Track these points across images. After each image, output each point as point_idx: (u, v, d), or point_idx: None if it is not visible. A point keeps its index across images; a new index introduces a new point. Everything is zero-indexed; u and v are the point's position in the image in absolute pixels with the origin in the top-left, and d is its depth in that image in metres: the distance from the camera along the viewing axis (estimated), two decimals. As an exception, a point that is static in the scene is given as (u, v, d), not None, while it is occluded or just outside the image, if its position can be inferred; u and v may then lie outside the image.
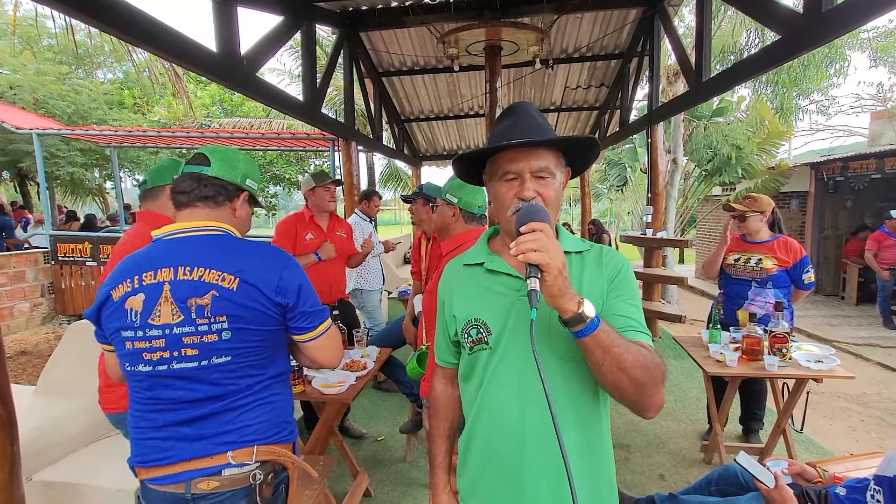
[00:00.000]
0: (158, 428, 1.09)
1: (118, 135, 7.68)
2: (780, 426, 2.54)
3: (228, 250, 1.11)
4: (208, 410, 1.08)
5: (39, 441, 2.01)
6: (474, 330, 0.95)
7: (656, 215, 5.23)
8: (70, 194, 12.82)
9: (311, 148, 8.12)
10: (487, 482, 0.96)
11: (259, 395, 1.13)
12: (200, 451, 1.08)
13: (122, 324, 1.07)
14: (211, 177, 1.15)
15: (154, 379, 1.07)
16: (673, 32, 4.57)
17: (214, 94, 13.49)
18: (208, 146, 1.20)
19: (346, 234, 3.09)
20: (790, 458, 1.73)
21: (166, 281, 1.06)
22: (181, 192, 1.15)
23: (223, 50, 2.92)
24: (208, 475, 1.08)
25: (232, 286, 1.07)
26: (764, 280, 2.66)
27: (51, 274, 7.25)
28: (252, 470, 1.10)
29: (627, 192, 12.55)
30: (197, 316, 1.05)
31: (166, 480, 1.08)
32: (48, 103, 9.73)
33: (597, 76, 7.05)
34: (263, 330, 1.12)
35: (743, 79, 3.36)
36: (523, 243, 0.76)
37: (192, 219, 1.14)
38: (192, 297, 1.06)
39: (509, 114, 0.95)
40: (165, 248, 1.11)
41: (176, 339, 1.05)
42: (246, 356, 1.10)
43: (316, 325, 1.20)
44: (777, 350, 2.31)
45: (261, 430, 1.12)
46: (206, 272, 1.07)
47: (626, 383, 0.79)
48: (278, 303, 1.12)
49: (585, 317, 0.76)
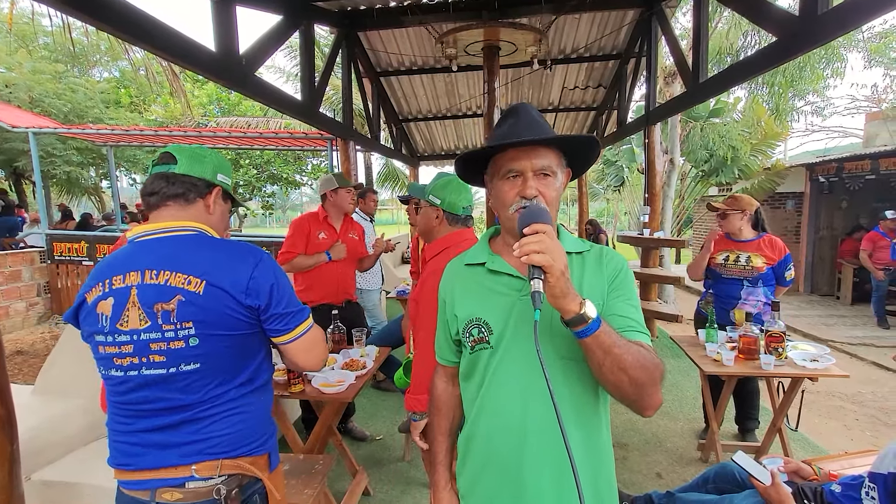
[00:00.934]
0: (130, 433, 1.08)
1: (115, 133, 7.66)
2: (775, 425, 2.56)
3: (197, 251, 1.07)
4: (177, 419, 1.06)
5: (38, 440, 2.00)
6: (476, 329, 0.96)
7: (653, 215, 5.25)
8: (66, 193, 12.75)
9: (308, 147, 8.11)
10: (487, 481, 0.97)
11: (228, 406, 1.09)
12: (166, 461, 1.05)
13: (95, 328, 1.06)
14: (179, 174, 1.11)
15: (126, 384, 1.06)
16: (670, 33, 4.60)
17: (212, 94, 13.45)
18: (173, 145, 1.17)
19: (359, 236, 3.08)
20: (786, 457, 1.75)
21: (134, 285, 1.04)
22: (151, 193, 1.11)
23: (222, 49, 2.92)
24: (172, 486, 1.06)
25: (198, 290, 1.03)
26: (755, 279, 2.68)
27: (47, 273, 7.22)
28: (216, 484, 1.07)
29: (624, 193, 12.59)
30: (163, 322, 1.02)
31: (134, 486, 1.07)
32: (44, 102, 9.67)
33: (594, 77, 7.08)
34: (233, 335, 1.07)
35: (740, 80, 3.38)
36: (527, 245, 0.77)
37: (162, 219, 1.10)
38: (158, 301, 1.02)
39: (510, 115, 0.96)
40: (136, 250, 1.08)
41: (143, 345, 1.02)
42: (215, 363, 1.06)
43: (293, 326, 1.15)
44: (773, 349, 2.33)
45: (228, 442, 1.09)
46: (172, 276, 1.03)
47: (627, 383, 0.80)
48: (249, 305, 1.07)
49: (587, 317, 0.77)
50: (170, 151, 1.13)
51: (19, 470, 1.51)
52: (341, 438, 2.46)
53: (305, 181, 13.92)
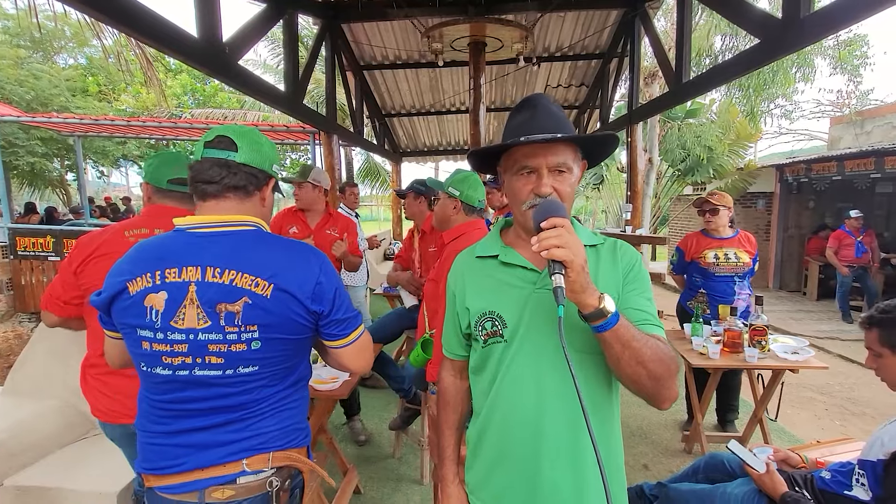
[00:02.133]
0: (172, 434, 1.02)
1: (83, 123, 7.32)
2: (757, 416, 2.65)
3: (262, 250, 1.02)
4: (226, 419, 1.02)
5: (9, 444, 1.90)
6: (489, 323, 0.94)
7: (635, 213, 5.35)
8: (28, 186, 12.13)
9: (289, 141, 7.94)
10: (501, 474, 0.96)
11: (278, 404, 1.07)
12: (215, 460, 1.01)
13: (141, 322, 0.98)
14: (240, 164, 1.03)
15: (172, 384, 1.00)
16: (653, 34, 4.68)
17: (186, 84, 13.02)
18: (230, 126, 1.07)
19: (339, 232, 2.91)
20: (774, 446, 1.81)
21: (192, 281, 0.98)
22: (207, 181, 1.02)
23: (204, 36, 2.81)
24: (223, 484, 1.02)
25: (266, 293, 0.99)
26: (744, 274, 2.77)
27: (9, 270, 6.85)
28: (268, 477, 1.05)
29: (603, 190, 12.82)
30: (226, 323, 0.97)
31: (178, 489, 1.01)
32: (4, 88, 9.17)
33: (577, 75, 7.16)
34: (294, 339, 1.05)
35: (723, 81, 3.47)
36: (546, 239, 0.75)
37: (219, 211, 1.03)
38: (221, 302, 0.97)
39: (526, 106, 0.92)
40: (191, 242, 1.01)
41: (201, 345, 0.97)
42: (273, 365, 1.04)
43: (349, 331, 1.12)
44: (757, 342, 2.40)
45: (277, 436, 1.07)
46: (238, 276, 0.98)
47: (645, 377, 0.80)
48: (313, 311, 1.04)
49: (606, 311, 0.77)
50: (229, 136, 1.04)
51: (-6, 475, 1.42)
52: (332, 437, 2.42)
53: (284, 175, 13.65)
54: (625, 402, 3.58)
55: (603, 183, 12.66)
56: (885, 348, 1.32)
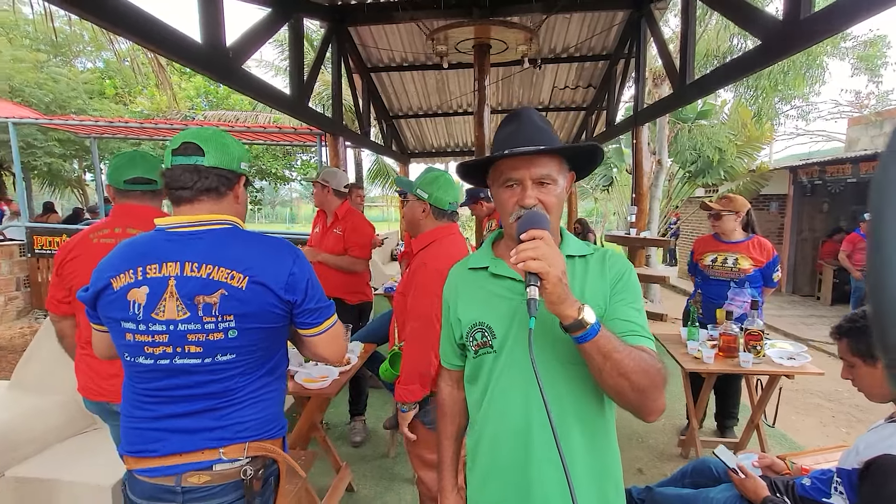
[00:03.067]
0: (154, 419, 1.07)
1: (99, 125, 7.50)
2: (753, 421, 2.61)
3: (237, 246, 1.08)
4: (205, 406, 1.07)
5: (12, 436, 1.97)
6: (479, 333, 0.96)
7: (640, 215, 5.31)
8: (48, 186, 12.48)
9: (297, 143, 8.04)
10: (494, 485, 0.97)
11: (255, 393, 1.12)
12: (192, 446, 1.06)
13: (124, 315, 1.04)
14: (209, 167, 1.08)
15: (154, 373, 1.05)
16: (659, 35, 4.64)
17: (199, 87, 13.27)
18: (194, 130, 1.11)
19: (343, 232, 2.95)
20: (761, 452, 1.79)
21: (172, 276, 1.03)
22: (181, 187, 1.07)
23: (208, 41, 2.88)
24: (199, 469, 1.07)
25: (241, 285, 1.05)
26: (742, 280, 2.73)
27: (27, 267, 7.06)
28: (242, 465, 1.10)
29: (613, 193, 12.71)
30: (204, 314, 1.04)
31: (156, 472, 1.06)
32: (24, 91, 9.44)
33: (584, 77, 7.12)
34: (269, 328, 1.11)
35: (726, 82, 3.43)
36: (522, 251, 0.77)
37: (195, 212, 1.09)
38: (199, 294, 1.03)
39: (512, 120, 0.94)
40: (171, 240, 1.07)
41: (181, 335, 1.03)
42: (249, 354, 1.09)
43: (322, 320, 1.18)
44: (752, 347, 2.37)
45: (253, 426, 1.11)
46: (214, 270, 1.04)
47: (628, 388, 0.80)
48: (287, 300, 1.10)
49: (585, 323, 0.77)
50: (195, 142, 1.08)
51: (-8, 465, 1.49)
52: (325, 434, 2.45)
53: (294, 176, 13.80)
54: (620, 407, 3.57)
55: (612, 185, 12.54)
56: (857, 358, 1.30)
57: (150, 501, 1.07)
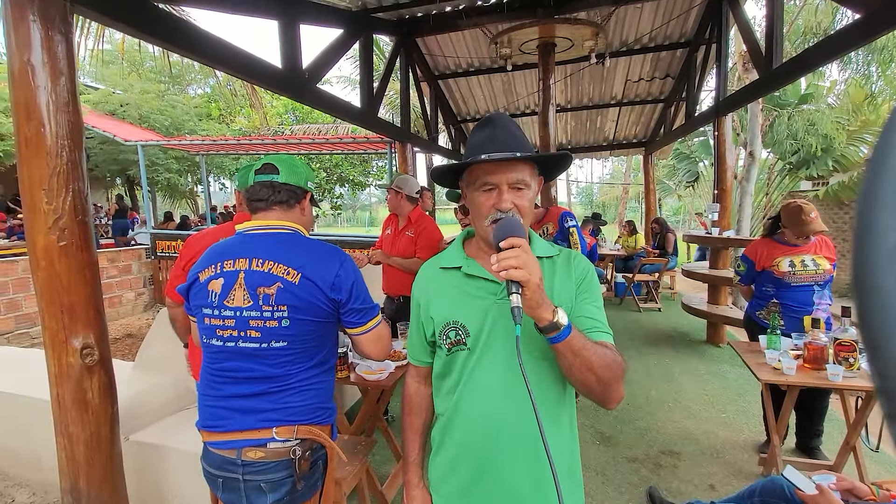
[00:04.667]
0: (221, 397, 1.26)
1: (205, 143, 8.59)
2: (849, 443, 2.32)
3: (295, 247, 1.26)
4: (262, 389, 1.22)
5: (136, 408, 2.37)
6: (453, 332, 0.99)
7: (723, 213, 4.89)
8: (168, 198, 14.47)
9: (371, 151, 8.51)
10: (460, 474, 1.01)
11: (305, 381, 1.26)
12: (251, 424, 1.22)
13: (204, 302, 1.25)
14: (282, 183, 1.30)
15: (223, 353, 1.24)
16: (742, 17, 4.27)
17: (287, 103, 14.52)
18: (273, 155, 1.35)
19: (415, 234, 3.08)
20: (839, 474, 1.61)
21: (242, 270, 1.22)
22: (258, 199, 1.30)
23: (287, 65, 3.22)
24: (256, 446, 1.22)
25: (294, 280, 1.21)
26: (825, 282, 2.45)
27: (151, 267, 8.27)
28: (293, 446, 1.23)
29: (699, 189, 11.73)
30: (263, 303, 1.20)
31: (223, 446, 1.23)
32: (150, 118, 11.07)
33: (661, 67, 6.71)
34: (317, 321, 1.25)
35: (818, 63, 3.08)
36: (505, 260, 0.79)
37: (268, 219, 1.30)
38: (260, 286, 1.21)
39: (486, 124, 0.97)
40: (245, 241, 1.27)
41: (244, 320, 1.21)
42: (300, 343, 1.23)
43: (365, 321, 1.31)
44: (843, 359, 2.12)
45: (302, 412, 1.25)
46: (274, 265, 1.22)
47: (594, 381, 0.85)
48: (333, 298, 1.24)
49: (560, 325, 0.82)
50: (272, 163, 1.32)
51: (118, 429, 1.82)
52: (387, 425, 2.61)
53: (370, 182, 14.55)
54: (699, 418, 3.34)
55: (698, 180, 11.59)
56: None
57: (219, 470, 1.25)
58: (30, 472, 2.55)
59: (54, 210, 1.57)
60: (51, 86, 1.54)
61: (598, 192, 30.77)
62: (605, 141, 9.43)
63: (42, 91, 1.53)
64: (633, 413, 3.42)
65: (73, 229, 1.61)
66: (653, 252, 7.18)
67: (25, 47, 1.51)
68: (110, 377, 1.78)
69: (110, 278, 7.50)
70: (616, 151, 9.98)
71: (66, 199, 1.59)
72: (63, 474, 1.72)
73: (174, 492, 2.21)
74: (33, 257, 1.60)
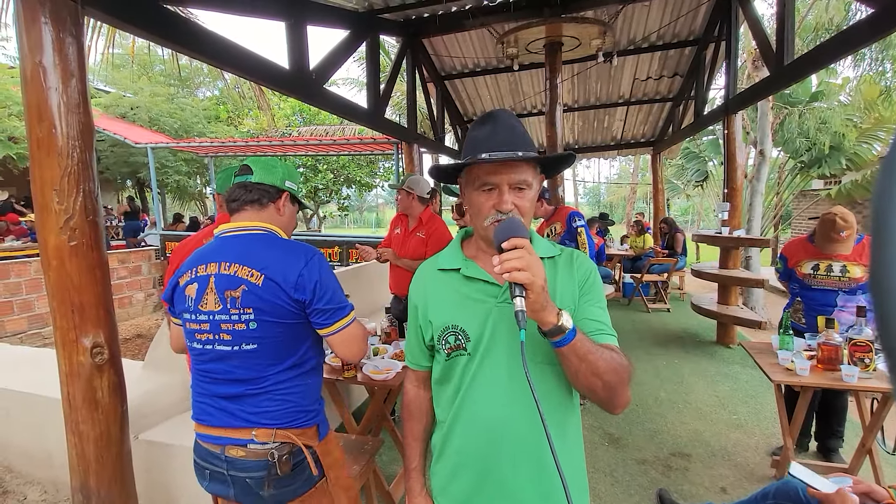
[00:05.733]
0: (206, 395, 1.28)
1: (213, 145, 8.66)
2: (865, 445, 2.28)
3: (262, 248, 1.24)
4: (240, 391, 1.24)
5: (145, 406, 2.39)
6: (452, 337, 0.95)
7: (733, 212, 4.83)
8: (178, 199, 14.62)
9: (378, 152, 8.53)
10: (463, 481, 0.97)
11: (280, 384, 1.25)
12: (232, 423, 1.24)
13: (184, 307, 1.27)
14: (255, 183, 1.30)
15: (203, 356, 1.26)
16: (752, 14, 4.21)
17: (295, 105, 14.62)
18: (251, 157, 1.36)
19: (426, 235, 3.07)
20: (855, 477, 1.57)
21: (212, 274, 1.23)
22: (232, 200, 1.31)
23: (294, 66, 3.23)
24: (237, 445, 1.24)
25: (258, 282, 1.20)
26: (852, 290, 2.39)
27: (160, 268, 8.35)
28: (270, 448, 1.23)
29: (708, 188, 11.62)
30: (231, 306, 1.21)
31: (209, 439, 1.27)
32: (160, 120, 11.20)
33: (669, 65, 6.66)
34: (284, 323, 1.22)
35: (829, 60, 3.04)
36: (508, 261, 0.76)
37: (241, 220, 1.30)
38: (227, 289, 1.21)
39: (487, 120, 0.92)
40: (218, 244, 1.28)
41: (216, 324, 1.22)
42: (270, 346, 1.22)
43: (332, 321, 1.27)
44: (858, 360, 2.08)
45: (280, 415, 1.25)
46: (239, 268, 1.21)
47: (600, 387, 0.82)
48: (296, 299, 1.21)
49: (564, 328, 0.79)
50: (248, 164, 1.32)
51: (128, 428, 1.84)
52: (394, 425, 2.61)
53: (377, 183, 14.60)
54: (709, 420, 3.30)
55: (707, 180, 11.47)
56: None
57: (205, 462, 1.27)
58: (41, 470, 2.58)
59: (65, 210, 1.59)
60: (62, 87, 1.55)
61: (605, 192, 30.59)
62: (612, 140, 9.37)
63: (53, 92, 1.54)
64: (643, 414, 3.38)
65: (83, 229, 1.63)
66: (662, 252, 7.13)
67: (37, 49, 1.52)
68: (120, 376, 1.79)
69: (120, 279, 7.59)
70: (624, 151, 9.91)
71: (77, 199, 1.61)
72: (73, 472, 1.74)
73: (183, 490, 2.22)
74: (44, 257, 1.62)
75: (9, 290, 6.15)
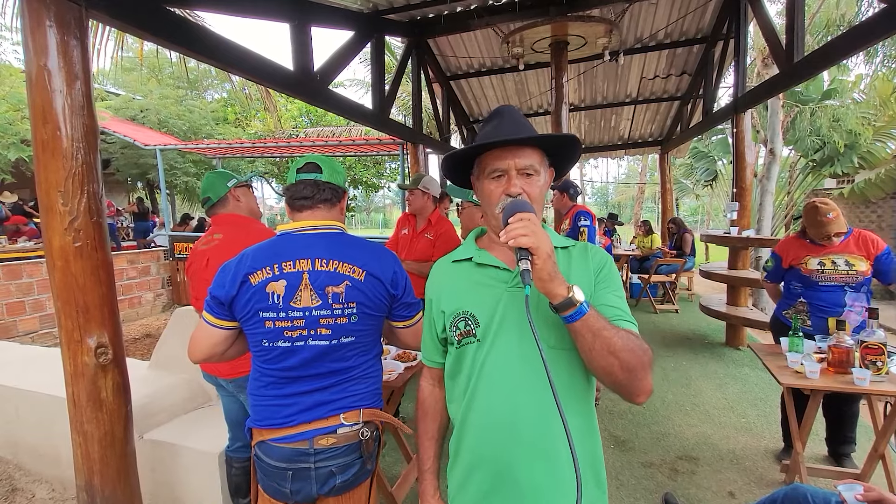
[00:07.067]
0: (285, 396, 1.26)
1: (221, 147, 8.73)
2: (878, 451, 2.23)
3: (352, 247, 1.31)
4: (330, 382, 1.28)
5: (151, 406, 2.40)
6: (462, 322, 0.96)
7: (742, 212, 4.77)
8: (186, 200, 14.76)
9: (384, 153, 8.55)
10: (478, 481, 0.95)
11: (367, 369, 1.35)
12: (319, 415, 1.26)
13: (264, 306, 1.22)
14: (325, 182, 1.34)
15: (289, 354, 1.24)
16: (761, 11, 4.15)
17: (302, 107, 14.69)
18: (314, 155, 1.37)
19: (434, 237, 3.03)
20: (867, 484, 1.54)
21: (305, 270, 1.24)
22: (304, 197, 1.31)
23: (298, 67, 3.24)
24: (327, 433, 1.26)
25: (360, 277, 1.28)
26: (858, 284, 2.34)
27: (169, 269, 8.43)
28: (359, 428, 1.30)
29: (717, 188, 11.49)
30: (333, 301, 1.25)
31: (292, 439, 1.25)
32: (169, 122, 11.31)
33: (677, 64, 6.59)
34: (378, 316, 1.33)
35: (841, 57, 2.97)
36: (513, 230, 0.80)
37: (314, 218, 1.32)
38: (328, 285, 1.25)
39: (494, 116, 0.97)
40: (297, 241, 1.28)
41: (314, 319, 1.24)
42: (365, 337, 1.31)
43: (414, 314, 1.41)
44: (870, 363, 2.04)
45: (366, 397, 1.33)
46: (340, 265, 1.27)
47: (617, 367, 0.80)
48: (392, 294, 1.33)
49: (576, 301, 0.78)
50: (315, 161, 1.35)
51: (132, 428, 1.85)
52: (397, 427, 2.60)
53: (384, 184, 14.63)
54: (717, 423, 3.25)
55: (716, 179, 11.34)
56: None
57: (289, 463, 1.26)
58: (49, 469, 2.61)
59: (70, 211, 1.60)
60: (66, 90, 1.57)
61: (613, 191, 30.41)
62: (620, 140, 9.30)
63: (58, 95, 1.56)
64: (649, 417, 3.34)
65: (87, 230, 1.64)
66: (669, 252, 7.05)
67: (42, 52, 1.54)
68: (124, 376, 1.80)
69: (130, 279, 7.67)
70: (631, 150, 9.83)
71: (82, 200, 1.62)
72: (78, 471, 1.75)
73: (187, 490, 2.23)
74: (49, 258, 1.64)
75: (21, 290, 6.25)
